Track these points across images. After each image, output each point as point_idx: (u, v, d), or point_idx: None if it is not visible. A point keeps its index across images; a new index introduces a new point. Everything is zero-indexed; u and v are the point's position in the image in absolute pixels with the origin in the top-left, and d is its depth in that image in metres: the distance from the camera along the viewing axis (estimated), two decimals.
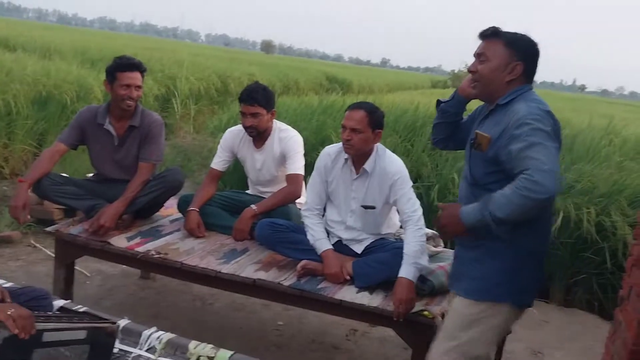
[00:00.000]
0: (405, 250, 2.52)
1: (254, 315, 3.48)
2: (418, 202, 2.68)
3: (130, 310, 3.16)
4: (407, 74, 61.14)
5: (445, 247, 3.07)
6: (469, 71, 2.07)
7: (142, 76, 3.22)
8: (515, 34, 2.01)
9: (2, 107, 5.83)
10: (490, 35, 2.02)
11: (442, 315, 2.49)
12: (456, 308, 2.09)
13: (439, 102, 2.31)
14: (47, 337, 1.74)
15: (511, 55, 1.97)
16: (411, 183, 2.73)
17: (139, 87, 3.19)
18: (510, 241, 1.94)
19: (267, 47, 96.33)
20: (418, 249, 2.53)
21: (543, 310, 4.10)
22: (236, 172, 5.05)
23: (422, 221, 2.64)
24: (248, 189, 3.61)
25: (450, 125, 2.30)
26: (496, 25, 2.04)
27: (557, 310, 4.20)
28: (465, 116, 2.32)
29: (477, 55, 2.03)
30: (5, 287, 2.25)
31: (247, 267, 2.80)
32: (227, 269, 2.76)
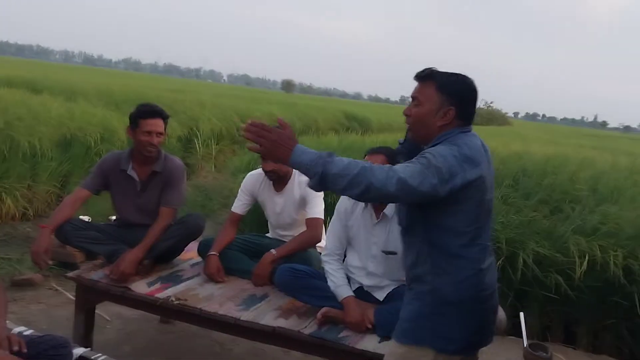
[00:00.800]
0: None
1: None
2: None
3: (150, 355, 3.14)
4: None
5: None
6: (404, 113, 2.01)
7: (165, 123, 3.26)
8: (450, 76, 1.94)
9: (28, 149, 5.94)
10: (424, 77, 1.95)
11: None
12: (388, 350, 2.07)
13: (399, 143, 2.22)
14: None
15: (443, 100, 1.91)
16: None
17: (161, 133, 3.23)
18: (431, 287, 1.91)
19: (288, 86, 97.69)
20: None
21: (570, 357, 3.98)
22: (256, 214, 5.05)
23: None
24: (268, 232, 3.61)
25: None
26: (432, 67, 1.97)
27: (585, 357, 4.07)
28: None
29: (412, 98, 1.98)
30: (26, 334, 2.26)
31: (267, 314, 2.77)
32: (246, 316, 2.73)
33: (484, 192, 1.89)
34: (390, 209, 2.69)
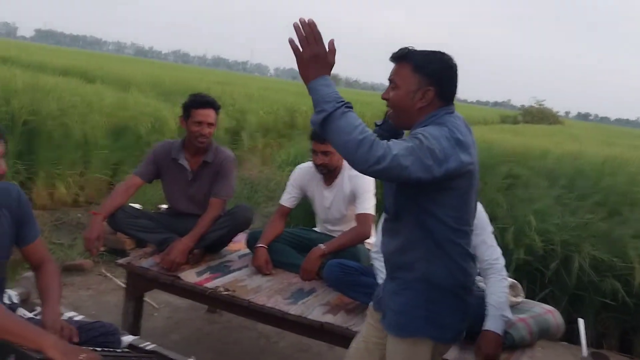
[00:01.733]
0: (490, 301, 2.35)
1: (319, 357, 3.39)
2: (499, 250, 2.53)
3: (197, 345, 3.14)
4: (475, 107, 60.30)
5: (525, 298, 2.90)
6: (383, 98, 1.92)
7: (217, 113, 3.26)
8: (426, 55, 1.83)
9: (81, 137, 6.06)
10: (399, 58, 1.85)
11: None
12: (389, 348, 1.97)
13: (375, 124, 2.12)
14: None
15: (420, 81, 1.81)
16: (491, 228, 2.57)
17: (212, 124, 3.22)
18: (422, 274, 1.84)
19: (334, 80, 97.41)
20: (504, 300, 2.37)
21: None
22: (304, 208, 5.03)
23: (505, 270, 2.49)
24: (316, 226, 3.56)
25: None
26: (409, 46, 1.87)
27: None
28: None
29: (389, 81, 1.89)
30: (77, 320, 2.27)
31: (314, 308, 2.73)
32: (294, 310, 2.70)
33: (474, 177, 1.82)
34: None
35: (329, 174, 3.27)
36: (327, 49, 1.69)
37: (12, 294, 2.34)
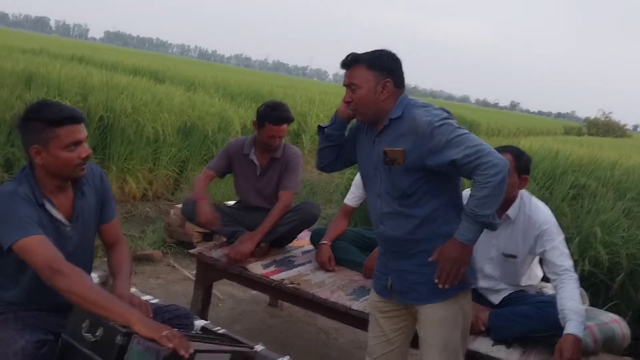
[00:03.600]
0: (569, 306, 2.31)
1: None
2: (570, 257, 2.52)
3: (259, 336, 3.24)
4: (538, 118, 58.80)
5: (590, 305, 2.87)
6: (345, 102, 2.08)
7: (288, 125, 3.36)
8: (373, 53, 2.03)
9: (152, 134, 6.32)
10: (351, 62, 2.04)
11: None
12: (433, 318, 2.10)
13: (320, 127, 2.27)
14: (198, 357, 1.80)
15: (377, 75, 2.01)
16: (562, 235, 2.56)
17: (283, 136, 3.34)
18: (445, 237, 2.00)
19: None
20: (581, 304, 2.35)
21: None
22: (366, 209, 5.09)
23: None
24: None
25: (335, 148, 2.27)
26: (354, 52, 2.06)
27: None
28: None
29: (347, 85, 2.06)
30: (153, 303, 2.40)
31: None
32: (357, 305, 2.76)
33: None
34: (513, 210, 2.61)
35: None
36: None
37: (93, 276, 2.48)
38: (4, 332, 1.87)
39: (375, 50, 2.05)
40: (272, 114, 3.28)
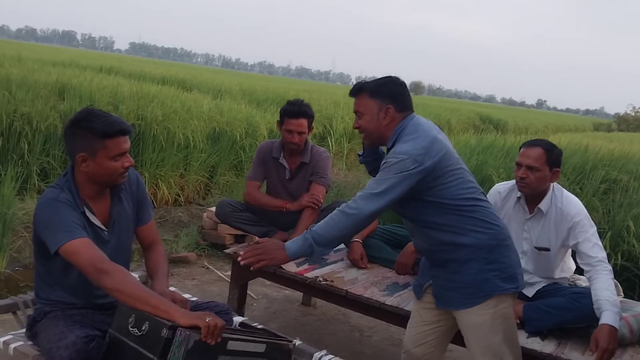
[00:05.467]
0: (604, 296, 2.29)
1: None
2: (603, 248, 2.52)
3: (294, 333, 3.28)
4: (566, 116, 57.93)
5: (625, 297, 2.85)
6: (354, 128, 2.25)
7: (310, 122, 3.40)
8: (377, 81, 2.18)
9: (182, 141, 6.44)
10: (357, 91, 2.19)
11: None
12: (470, 323, 2.16)
13: (359, 155, 2.45)
14: (231, 345, 1.87)
15: (379, 103, 2.13)
16: (594, 227, 2.56)
17: (303, 132, 3.37)
18: (469, 246, 2.07)
19: (416, 88, 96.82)
20: (616, 295, 2.34)
21: None
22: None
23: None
24: None
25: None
26: (360, 82, 2.23)
27: None
28: None
29: (355, 112, 2.21)
30: (193, 300, 2.47)
31: (410, 301, 2.81)
32: (390, 301, 2.80)
33: (452, 157, 2.12)
34: (545, 203, 2.62)
35: None
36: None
37: (135, 277, 2.56)
38: (54, 328, 1.96)
39: (380, 79, 2.20)
40: (290, 108, 3.37)
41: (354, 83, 2.26)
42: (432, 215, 2.10)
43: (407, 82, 2.28)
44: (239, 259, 2.03)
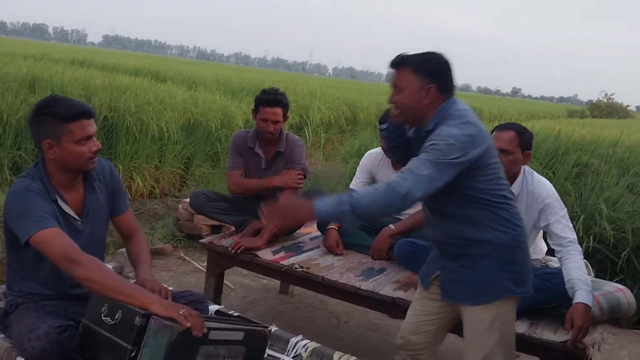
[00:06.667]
0: (577, 276, 2.35)
1: (389, 336, 3.49)
2: (573, 229, 2.57)
3: (272, 321, 3.28)
4: (541, 103, 58.57)
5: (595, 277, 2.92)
6: (389, 102, 2.09)
7: (285, 111, 3.38)
8: (422, 56, 2.02)
9: (156, 132, 6.39)
10: (398, 64, 2.04)
11: (594, 346, 2.37)
12: (471, 319, 2.12)
13: (380, 129, 2.31)
14: (212, 335, 1.87)
15: (421, 80, 1.99)
16: (565, 209, 2.60)
17: (278, 121, 3.35)
18: (489, 243, 2.01)
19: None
20: (587, 275, 2.39)
21: None
22: None
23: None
24: None
25: (399, 148, 2.28)
26: (403, 53, 2.05)
27: None
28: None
29: (393, 86, 2.06)
30: (169, 290, 2.46)
31: (385, 285, 2.84)
32: (366, 286, 2.82)
33: (493, 149, 2.06)
34: (516, 186, 2.65)
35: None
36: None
37: (109, 267, 2.55)
38: (26, 319, 1.94)
39: (425, 53, 2.04)
40: (264, 97, 3.35)
41: (331, 74, 2.16)
42: (459, 207, 2.01)
43: (384, 73, 2.20)
44: (263, 212, 1.85)
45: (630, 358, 3.58)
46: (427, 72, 2.00)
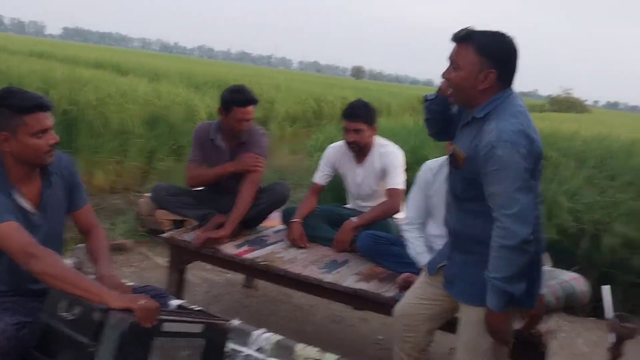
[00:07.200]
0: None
1: (353, 328, 3.53)
2: None
3: (235, 316, 3.26)
4: None
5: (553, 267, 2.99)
6: (443, 77, 1.96)
7: (255, 106, 3.37)
8: (490, 35, 1.86)
9: (118, 126, 6.28)
10: (462, 38, 1.87)
11: (549, 334, 2.44)
12: (467, 318, 2.07)
13: (425, 99, 2.16)
14: (167, 327, 1.85)
15: (482, 62, 1.84)
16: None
17: (251, 119, 3.34)
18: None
19: (358, 72, 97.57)
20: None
21: None
22: (335, 186, 5.17)
23: None
24: (347, 204, 3.69)
25: (438, 122, 2.17)
26: (471, 27, 1.90)
27: None
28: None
29: (451, 61, 1.91)
30: (129, 285, 2.43)
31: (348, 277, 2.86)
32: (329, 278, 2.83)
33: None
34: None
35: (360, 152, 3.38)
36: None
37: (67, 263, 2.50)
38: None
39: (493, 33, 1.87)
40: (238, 97, 3.28)
41: (296, 68, 2.07)
42: (482, 205, 1.88)
43: (349, 67, 2.11)
44: None
45: (586, 345, 3.68)
46: (490, 54, 1.84)
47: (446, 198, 2.15)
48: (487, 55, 1.84)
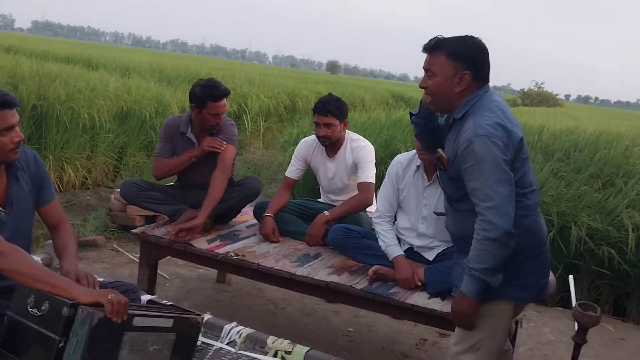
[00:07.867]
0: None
1: (324, 320, 3.56)
2: None
3: (208, 310, 3.28)
4: None
5: None
6: (421, 87, 2.05)
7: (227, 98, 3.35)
8: (458, 41, 1.97)
9: (88, 121, 6.20)
10: (432, 48, 1.98)
11: (516, 323, 2.49)
12: None
13: (411, 114, 2.26)
14: (137, 321, 1.85)
15: (456, 66, 1.94)
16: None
17: (224, 112, 3.34)
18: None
19: (333, 67, 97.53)
20: None
21: (620, 328, 3.99)
22: (307, 180, 5.19)
23: None
24: (319, 198, 3.72)
25: (430, 133, 2.25)
26: (438, 36, 2.01)
27: (635, 329, 4.06)
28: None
29: (425, 70, 2.01)
30: (99, 281, 2.42)
31: (320, 270, 2.89)
32: (301, 272, 2.85)
33: (525, 146, 1.97)
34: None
35: (331, 146, 3.41)
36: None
37: (36, 259, 2.48)
38: None
39: (461, 38, 1.98)
40: (211, 92, 3.25)
41: (271, 62, 2.08)
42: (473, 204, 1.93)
43: (324, 62, 2.14)
44: None
45: (553, 334, 3.77)
46: (462, 58, 1.94)
47: (444, 203, 2.22)
48: (459, 59, 1.94)
